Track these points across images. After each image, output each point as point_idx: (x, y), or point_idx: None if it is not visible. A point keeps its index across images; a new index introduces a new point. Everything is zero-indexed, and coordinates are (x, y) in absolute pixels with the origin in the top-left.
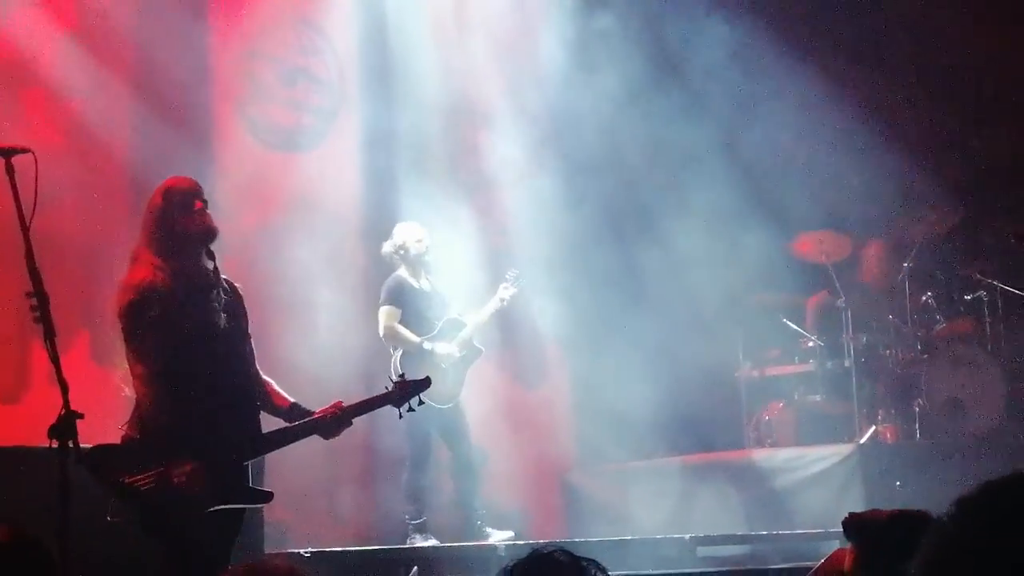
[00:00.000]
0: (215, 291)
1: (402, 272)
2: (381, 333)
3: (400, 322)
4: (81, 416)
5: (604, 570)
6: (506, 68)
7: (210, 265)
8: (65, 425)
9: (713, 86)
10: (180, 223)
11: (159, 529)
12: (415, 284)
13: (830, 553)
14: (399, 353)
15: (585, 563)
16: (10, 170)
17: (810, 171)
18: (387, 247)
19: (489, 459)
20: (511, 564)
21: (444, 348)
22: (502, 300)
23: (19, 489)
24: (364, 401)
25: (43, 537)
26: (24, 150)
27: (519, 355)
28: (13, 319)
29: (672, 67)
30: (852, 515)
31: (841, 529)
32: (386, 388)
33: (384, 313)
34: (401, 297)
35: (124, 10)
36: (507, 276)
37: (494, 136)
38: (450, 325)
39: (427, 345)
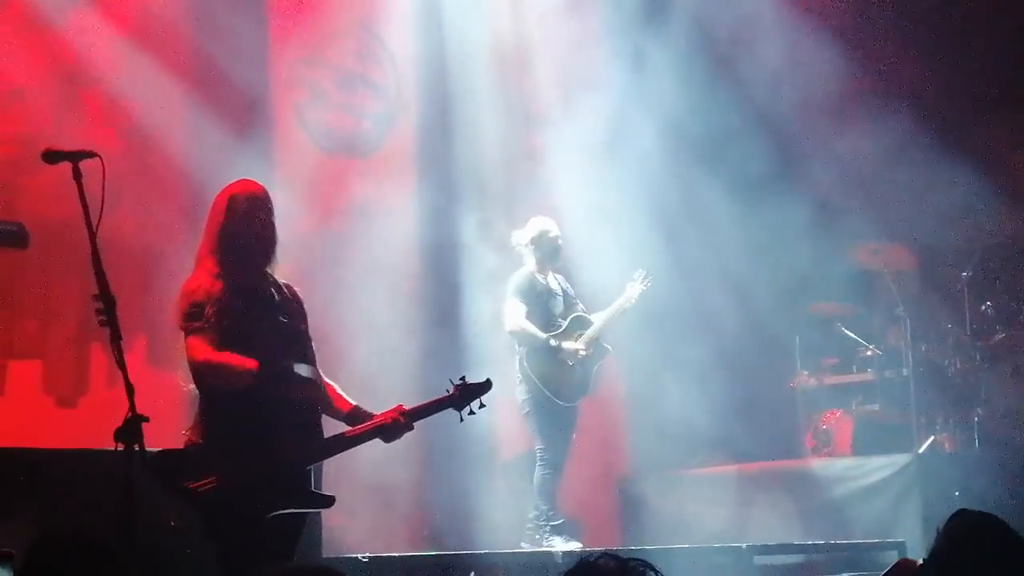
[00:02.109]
0: (274, 296)
1: (530, 266)
2: (507, 328)
3: (526, 318)
4: (147, 420)
5: (653, 568)
6: (564, 75)
7: (269, 270)
8: (131, 428)
9: (775, 95)
10: (243, 233)
11: (220, 534)
12: (542, 280)
13: (894, 562)
14: (524, 350)
15: (632, 564)
16: (77, 174)
17: (871, 180)
18: (519, 238)
19: None
20: (561, 573)
21: (570, 345)
22: (629, 299)
23: (82, 492)
24: (425, 404)
25: (109, 540)
26: (91, 154)
27: None
28: (73, 322)
29: (732, 76)
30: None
31: (901, 538)
32: (447, 391)
33: (510, 308)
34: (527, 293)
35: (183, 14)
36: (634, 276)
37: (552, 142)
38: (576, 323)
39: (553, 342)
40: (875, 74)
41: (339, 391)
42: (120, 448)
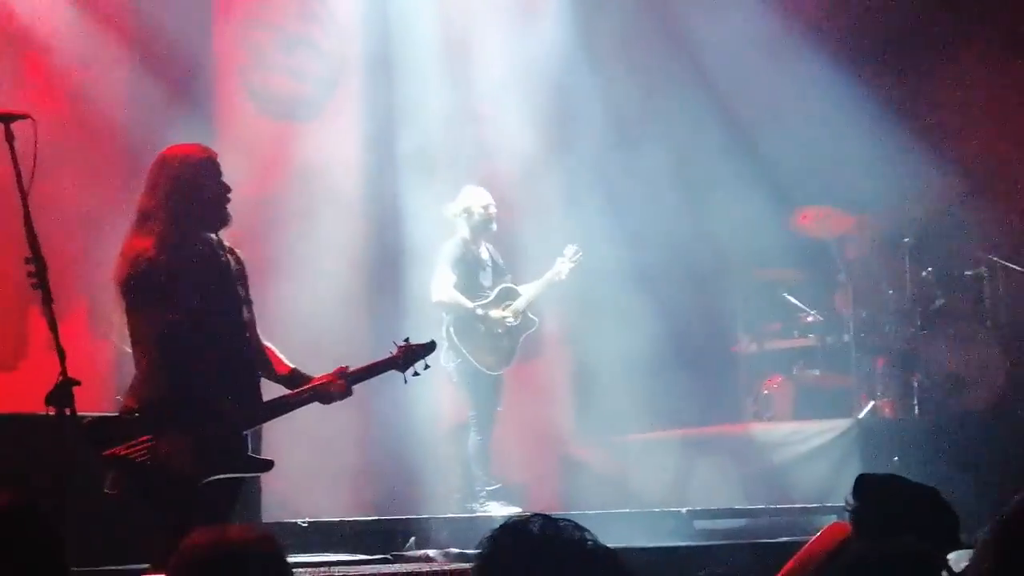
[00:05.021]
0: (218, 259)
1: (463, 236)
2: (434, 298)
3: (454, 287)
4: (78, 383)
5: (582, 528)
6: (510, 41)
7: (213, 234)
8: (62, 392)
9: (717, 59)
10: (203, 199)
11: (154, 500)
12: (474, 249)
13: (825, 527)
14: (451, 319)
15: (563, 524)
16: (10, 136)
17: (812, 145)
18: (451, 209)
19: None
20: (486, 535)
21: (497, 314)
22: (559, 274)
23: (19, 457)
24: (367, 366)
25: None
26: (23, 116)
27: None
28: (12, 287)
29: (674, 42)
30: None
31: (841, 503)
32: (390, 352)
33: (438, 278)
34: (458, 262)
35: None
36: (564, 252)
37: (495, 109)
38: (504, 293)
39: (480, 311)
40: (823, 42)
41: (278, 354)
42: (51, 413)
